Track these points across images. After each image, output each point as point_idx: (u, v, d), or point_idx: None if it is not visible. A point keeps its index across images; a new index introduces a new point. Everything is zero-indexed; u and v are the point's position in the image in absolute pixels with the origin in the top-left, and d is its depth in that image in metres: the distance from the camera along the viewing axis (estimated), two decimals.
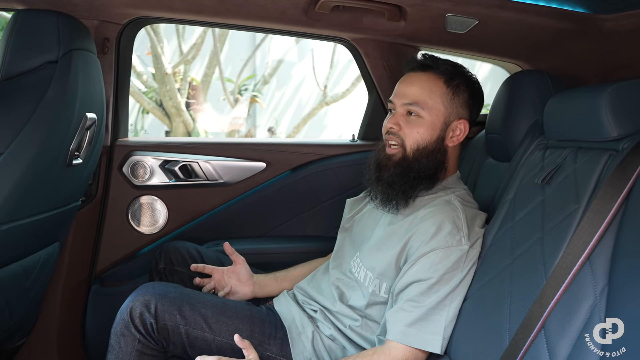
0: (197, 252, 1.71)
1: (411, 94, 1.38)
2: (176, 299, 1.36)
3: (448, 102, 1.38)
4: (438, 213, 1.29)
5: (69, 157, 1.45)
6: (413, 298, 1.23)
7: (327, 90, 6.83)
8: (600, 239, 0.92)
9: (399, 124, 1.38)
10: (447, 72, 1.40)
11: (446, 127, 1.39)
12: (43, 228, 1.51)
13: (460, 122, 1.40)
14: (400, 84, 1.43)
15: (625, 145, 1.01)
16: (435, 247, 1.24)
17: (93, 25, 1.77)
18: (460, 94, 1.40)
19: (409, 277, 1.25)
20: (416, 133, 1.37)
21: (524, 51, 1.84)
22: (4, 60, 1.34)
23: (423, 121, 1.37)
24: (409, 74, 1.43)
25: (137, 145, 2.01)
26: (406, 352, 1.22)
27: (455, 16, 1.62)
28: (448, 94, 1.39)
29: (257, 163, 2.06)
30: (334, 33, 1.98)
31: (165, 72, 6.03)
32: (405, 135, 1.37)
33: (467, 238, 1.25)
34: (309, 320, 1.43)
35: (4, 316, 1.49)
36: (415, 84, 1.39)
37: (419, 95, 1.38)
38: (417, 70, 1.42)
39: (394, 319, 1.24)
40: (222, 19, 1.86)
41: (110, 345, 1.35)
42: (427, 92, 1.38)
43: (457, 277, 1.23)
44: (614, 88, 1.04)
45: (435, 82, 1.39)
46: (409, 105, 1.37)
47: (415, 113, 1.37)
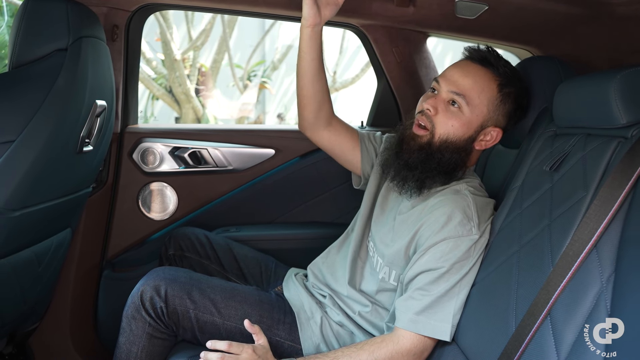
0: (206, 239, 1.72)
1: (462, 84, 1.33)
2: (186, 284, 1.38)
3: (494, 107, 1.34)
4: (448, 202, 1.28)
5: (79, 144, 1.46)
6: (422, 287, 1.23)
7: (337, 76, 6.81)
8: (608, 227, 0.91)
9: (436, 108, 1.33)
10: (504, 76, 1.35)
11: (480, 130, 1.35)
12: (55, 214, 1.53)
13: (495, 130, 1.36)
14: (454, 69, 1.38)
15: (634, 133, 1.00)
16: (445, 236, 1.23)
17: (102, 12, 1.78)
18: (508, 103, 1.36)
19: (419, 267, 1.25)
20: (450, 125, 1.32)
21: (535, 37, 1.82)
22: (14, 48, 1.35)
23: (462, 116, 1.32)
24: (467, 62, 1.38)
25: (146, 132, 2.02)
26: (415, 340, 1.22)
27: (464, 2, 1.60)
28: (497, 99, 1.34)
29: (266, 150, 2.07)
30: (342, 19, 1.97)
31: (174, 59, 6.03)
32: (438, 122, 1.33)
33: (477, 228, 1.25)
34: (317, 306, 1.44)
35: (17, 301, 1.52)
36: (470, 76, 1.34)
37: (469, 88, 1.33)
38: (475, 62, 1.37)
39: (403, 307, 1.25)
40: (230, 5, 1.86)
41: (122, 328, 1.38)
42: (478, 89, 1.33)
43: (466, 266, 1.23)
44: (623, 75, 1.03)
45: (489, 83, 1.34)
46: (456, 95, 1.32)
47: (458, 104, 1.32)
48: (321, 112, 1.55)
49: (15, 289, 1.48)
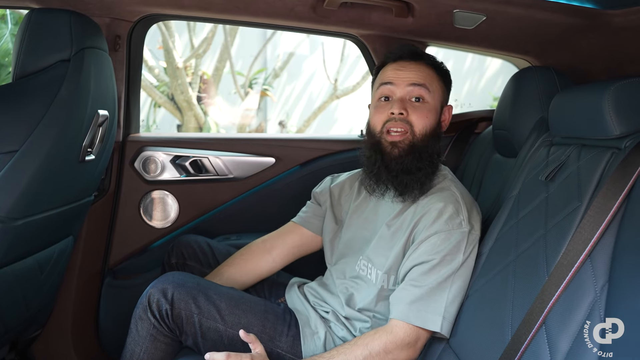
0: (208, 247, 1.73)
1: (415, 76, 1.42)
2: (193, 289, 1.38)
3: (441, 88, 1.46)
4: (439, 200, 1.34)
5: (81, 153, 1.48)
6: (415, 278, 1.27)
7: (338, 84, 6.83)
8: (602, 237, 0.92)
9: (406, 109, 1.39)
10: (434, 62, 1.48)
11: (440, 112, 1.45)
12: (57, 223, 1.55)
13: (447, 107, 1.48)
14: (395, 70, 1.45)
15: (627, 144, 1.02)
16: (437, 230, 1.28)
17: (105, 23, 1.80)
18: (446, 82, 1.49)
19: (412, 261, 1.29)
20: (425, 118, 1.40)
21: (533, 47, 1.84)
22: (18, 59, 1.37)
23: (429, 105, 1.41)
24: (400, 62, 1.46)
25: (148, 140, 2.04)
26: (407, 330, 1.24)
27: (463, 12, 1.62)
28: (440, 80, 1.46)
29: (267, 158, 2.08)
30: (342, 29, 1.99)
31: (176, 66, 6.05)
32: (414, 121, 1.39)
33: (467, 221, 1.30)
34: (321, 321, 1.45)
35: (20, 308, 1.53)
36: (414, 69, 1.43)
37: (423, 77, 1.42)
38: (406, 59, 1.46)
39: (396, 298, 1.28)
40: (230, 15, 1.88)
41: (130, 329, 1.39)
42: (428, 77, 1.43)
43: (457, 259, 1.26)
44: (617, 86, 1.04)
45: (427, 68, 1.45)
46: (417, 86, 1.40)
47: (421, 98, 1.41)
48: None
49: (18, 297, 1.49)
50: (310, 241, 1.65)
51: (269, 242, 1.65)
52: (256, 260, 1.63)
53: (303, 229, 1.65)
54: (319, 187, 1.70)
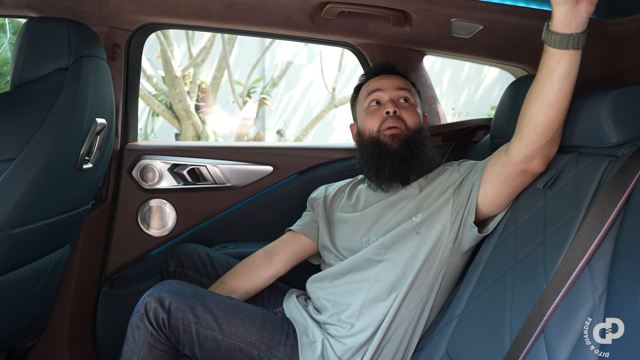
0: (207, 256, 1.73)
1: (400, 83, 1.59)
2: (190, 298, 1.38)
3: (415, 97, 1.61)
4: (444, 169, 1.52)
5: (79, 162, 1.48)
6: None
7: (336, 92, 6.85)
8: (600, 244, 0.92)
9: (398, 109, 1.52)
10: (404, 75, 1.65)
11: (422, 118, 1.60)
12: (54, 231, 1.54)
13: (424, 117, 1.62)
14: (379, 80, 1.60)
15: (625, 152, 1.02)
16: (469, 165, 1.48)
17: (103, 31, 1.81)
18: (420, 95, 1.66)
19: (486, 168, 1.40)
20: (415, 116, 1.55)
21: (530, 56, 1.85)
22: (16, 67, 1.37)
23: (415, 105, 1.57)
24: (380, 76, 1.62)
25: (146, 149, 2.04)
26: None
27: (460, 21, 1.63)
28: (415, 92, 1.63)
29: (264, 167, 2.08)
30: (340, 38, 2.00)
31: (175, 75, 6.07)
32: (406, 118, 1.52)
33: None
34: (319, 330, 1.44)
35: (16, 317, 1.52)
36: (396, 79, 1.60)
37: (406, 84, 1.60)
38: (386, 73, 1.63)
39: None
40: (229, 24, 1.89)
41: (126, 337, 1.38)
42: (408, 85, 1.61)
43: None
44: (614, 94, 1.05)
45: (403, 80, 1.62)
46: (403, 90, 1.57)
47: (408, 99, 1.56)
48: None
49: (14, 305, 1.48)
50: (308, 247, 1.69)
51: (269, 250, 1.70)
52: (258, 269, 1.65)
53: (301, 236, 1.69)
54: (314, 193, 1.77)
